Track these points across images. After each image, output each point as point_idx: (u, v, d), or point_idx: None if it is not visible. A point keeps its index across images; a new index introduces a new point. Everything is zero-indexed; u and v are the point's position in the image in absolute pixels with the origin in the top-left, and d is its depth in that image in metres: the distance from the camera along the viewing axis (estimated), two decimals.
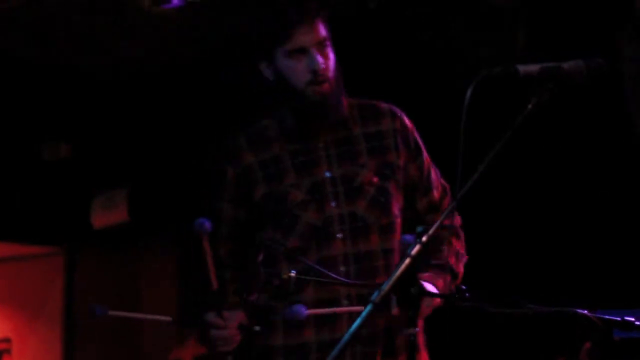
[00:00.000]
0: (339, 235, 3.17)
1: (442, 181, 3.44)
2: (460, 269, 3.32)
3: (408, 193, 3.28)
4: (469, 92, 2.45)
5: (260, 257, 3.12)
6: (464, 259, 3.36)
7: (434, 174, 3.39)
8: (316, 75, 3.13)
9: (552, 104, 2.53)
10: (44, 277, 6.86)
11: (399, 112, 3.34)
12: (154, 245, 6.62)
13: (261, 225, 3.24)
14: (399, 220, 3.25)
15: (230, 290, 3.25)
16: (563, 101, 2.75)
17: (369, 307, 2.31)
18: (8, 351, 7.00)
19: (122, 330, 6.58)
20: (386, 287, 2.32)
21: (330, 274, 3.03)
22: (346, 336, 2.31)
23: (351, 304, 3.12)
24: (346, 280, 3.02)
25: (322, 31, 3.14)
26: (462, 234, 3.41)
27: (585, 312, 2.95)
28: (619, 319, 2.98)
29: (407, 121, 3.34)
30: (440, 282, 3.21)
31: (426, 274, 3.19)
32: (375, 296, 2.32)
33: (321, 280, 3.03)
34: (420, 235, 2.36)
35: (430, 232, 2.37)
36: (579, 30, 4.58)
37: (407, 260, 2.34)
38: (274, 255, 3.17)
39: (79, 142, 6.59)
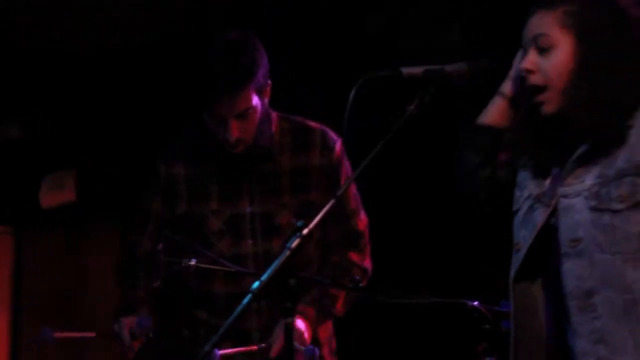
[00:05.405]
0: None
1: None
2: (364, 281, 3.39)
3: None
4: (352, 93, 2.53)
5: (160, 247, 3.21)
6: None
7: (354, 203, 3.41)
8: (228, 143, 3.22)
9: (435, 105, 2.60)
10: None
11: (331, 141, 3.35)
12: (100, 226, 6.67)
13: (177, 231, 3.33)
14: (315, 257, 3.34)
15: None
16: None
17: (248, 297, 2.40)
18: None
19: (68, 311, 6.65)
20: (265, 277, 2.41)
21: (228, 264, 3.11)
22: (226, 324, 2.40)
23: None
24: (243, 269, 3.10)
25: (245, 101, 3.17)
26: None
27: (476, 303, 3.07)
28: (507, 310, 3.09)
29: (336, 152, 3.33)
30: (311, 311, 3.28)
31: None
32: (255, 286, 2.41)
33: (217, 268, 3.12)
34: (300, 229, 2.44)
35: (311, 226, 2.45)
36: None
37: (287, 253, 2.42)
38: (176, 246, 3.26)
39: (29, 123, 6.64)
